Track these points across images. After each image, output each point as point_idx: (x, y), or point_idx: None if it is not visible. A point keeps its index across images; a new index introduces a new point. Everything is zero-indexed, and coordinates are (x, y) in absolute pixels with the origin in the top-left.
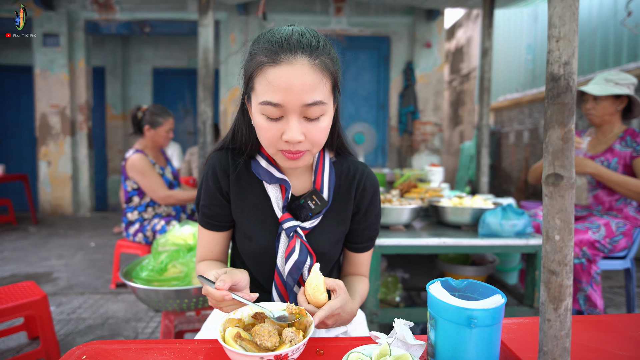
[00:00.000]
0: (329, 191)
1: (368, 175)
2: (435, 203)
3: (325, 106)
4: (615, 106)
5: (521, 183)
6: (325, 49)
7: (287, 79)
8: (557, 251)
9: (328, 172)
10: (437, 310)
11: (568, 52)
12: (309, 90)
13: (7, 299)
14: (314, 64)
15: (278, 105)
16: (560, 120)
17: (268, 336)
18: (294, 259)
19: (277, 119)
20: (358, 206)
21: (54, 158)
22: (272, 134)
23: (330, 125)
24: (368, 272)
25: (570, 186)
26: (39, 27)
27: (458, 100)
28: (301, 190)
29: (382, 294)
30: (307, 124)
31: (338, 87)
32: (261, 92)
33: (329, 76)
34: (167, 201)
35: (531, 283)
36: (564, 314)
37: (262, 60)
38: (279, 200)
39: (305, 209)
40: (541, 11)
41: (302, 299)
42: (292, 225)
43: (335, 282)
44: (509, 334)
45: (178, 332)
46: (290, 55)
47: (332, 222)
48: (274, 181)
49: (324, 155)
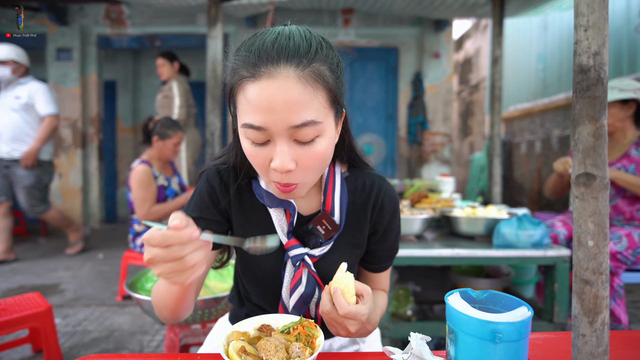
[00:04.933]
0: (341, 213)
1: (387, 190)
2: (447, 213)
3: (320, 126)
4: (624, 112)
5: (534, 194)
6: (320, 53)
7: (267, 96)
8: (591, 258)
9: (339, 191)
10: (457, 324)
11: (598, 41)
12: (296, 108)
13: (11, 310)
14: (302, 75)
15: (261, 129)
16: (591, 115)
17: (275, 351)
18: (300, 292)
19: (264, 144)
20: (375, 227)
21: (64, 170)
22: (260, 161)
23: (329, 149)
24: (388, 287)
25: (604, 186)
26: (52, 43)
27: (467, 111)
28: (309, 210)
29: (393, 307)
30: (298, 148)
31: (339, 100)
32: (242, 112)
33: (323, 88)
34: (148, 219)
35: (550, 296)
36: (600, 328)
37: (241, 74)
38: (284, 225)
39: (314, 236)
40: (551, 20)
41: (326, 298)
42: (299, 254)
43: (364, 288)
44: (534, 350)
45: (183, 346)
46: (271, 67)
47: (346, 246)
48: (276, 204)
49: (334, 171)
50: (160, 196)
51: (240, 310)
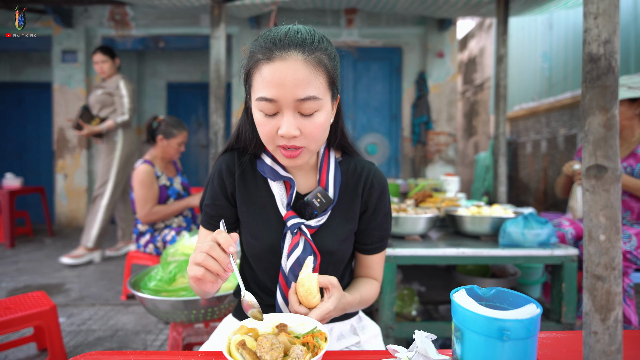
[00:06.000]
0: (335, 189)
1: (375, 173)
2: (452, 212)
3: (320, 101)
4: (632, 110)
5: (540, 194)
6: (321, 45)
7: (279, 74)
8: (603, 253)
9: (333, 170)
10: (463, 321)
11: (609, 28)
12: (302, 84)
13: (16, 309)
14: (308, 59)
15: (272, 101)
16: (602, 105)
17: (269, 349)
18: (296, 255)
19: (273, 115)
20: (366, 204)
21: (70, 171)
22: (269, 129)
23: (327, 122)
24: (380, 276)
25: (616, 179)
26: (58, 44)
27: (472, 111)
28: (307, 189)
29: (397, 307)
30: (302, 119)
31: (336, 84)
32: (257, 88)
33: (324, 72)
34: (148, 219)
35: (557, 297)
36: (613, 325)
37: (258, 57)
38: (284, 198)
39: (310, 207)
40: (556, 18)
41: (293, 298)
42: (296, 223)
43: (329, 280)
44: (543, 349)
45: (186, 345)
46: (283, 52)
47: (340, 220)
48: (279, 179)
49: (329, 154)
50: (163, 196)
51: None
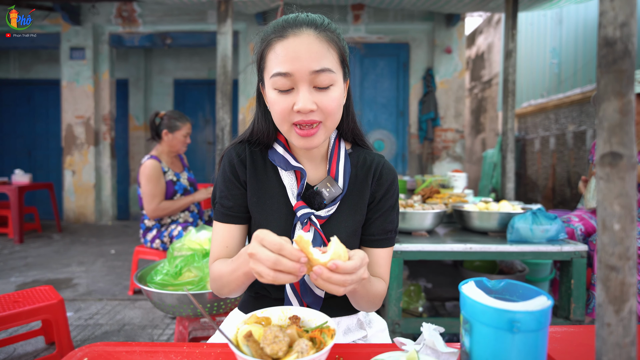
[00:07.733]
0: (344, 179)
1: (385, 165)
2: (459, 208)
3: (335, 75)
4: None
5: (548, 191)
6: (330, 26)
7: (294, 47)
8: (617, 243)
9: (343, 161)
10: (472, 313)
11: (626, 11)
12: (317, 57)
13: (24, 302)
14: (320, 35)
15: (287, 75)
16: (617, 90)
17: (271, 341)
18: None
19: (288, 91)
20: (374, 195)
21: (78, 167)
22: (284, 106)
23: (341, 98)
24: (387, 275)
25: (632, 166)
26: (66, 42)
27: (479, 108)
28: (316, 180)
29: (404, 303)
30: (317, 93)
31: (347, 63)
32: (271, 66)
33: (335, 48)
34: (156, 214)
35: (566, 293)
36: (627, 317)
37: (270, 37)
38: (294, 188)
39: (319, 197)
40: (566, 13)
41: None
42: (306, 213)
43: (357, 252)
44: (554, 343)
45: (192, 339)
46: (296, 29)
47: (349, 211)
48: (290, 168)
49: (339, 145)
50: (169, 191)
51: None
